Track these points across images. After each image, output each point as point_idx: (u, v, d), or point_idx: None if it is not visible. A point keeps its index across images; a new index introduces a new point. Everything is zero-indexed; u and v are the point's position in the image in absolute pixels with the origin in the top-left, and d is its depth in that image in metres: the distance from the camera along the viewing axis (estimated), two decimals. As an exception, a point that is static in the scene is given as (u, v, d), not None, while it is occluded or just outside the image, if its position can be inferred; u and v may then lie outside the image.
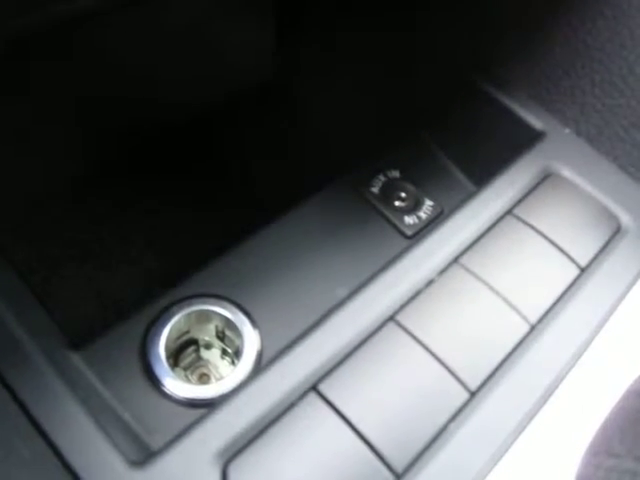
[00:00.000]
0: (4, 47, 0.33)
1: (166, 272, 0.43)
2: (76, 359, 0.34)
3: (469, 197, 0.41)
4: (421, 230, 0.48)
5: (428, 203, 0.50)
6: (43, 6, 0.20)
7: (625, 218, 0.41)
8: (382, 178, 0.51)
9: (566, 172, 0.43)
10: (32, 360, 0.28)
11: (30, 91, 0.40)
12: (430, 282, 0.36)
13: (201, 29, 0.48)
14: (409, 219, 0.49)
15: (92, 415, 0.28)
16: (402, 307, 0.34)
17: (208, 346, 0.45)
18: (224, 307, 0.42)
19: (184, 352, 0.44)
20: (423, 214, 0.50)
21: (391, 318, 0.33)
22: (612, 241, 0.40)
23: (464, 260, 0.37)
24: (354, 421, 0.29)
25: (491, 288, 0.36)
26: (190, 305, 0.41)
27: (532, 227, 0.39)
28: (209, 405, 0.36)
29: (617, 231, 0.41)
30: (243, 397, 0.29)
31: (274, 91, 0.62)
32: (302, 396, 0.30)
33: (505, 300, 0.35)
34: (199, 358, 0.45)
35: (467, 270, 0.36)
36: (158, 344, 0.40)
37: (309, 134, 0.60)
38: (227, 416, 0.28)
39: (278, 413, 0.29)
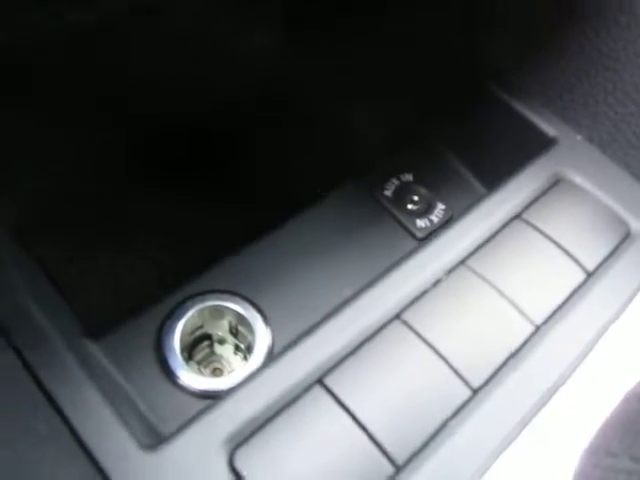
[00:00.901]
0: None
1: (182, 269, 0.44)
2: (94, 348, 0.36)
3: (479, 200, 0.42)
4: (432, 233, 0.49)
5: (440, 207, 0.51)
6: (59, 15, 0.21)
7: (635, 224, 0.42)
8: (395, 182, 0.52)
9: (576, 178, 0.44)
10: (54, 347, 0.30)
11: (45, 93, 0.42)
12: (437, 282, 0.37)
13: (207, 34, 0.50)
14: (421, 222, 0.50)
15: (108, 400, 0.29)
16: (408, 306, 0.35)
17: (222, 342, 0.46)
18: (237, 303, 0.44)
19: (198, 346, 0.45)
20: (435, 217, 0.50)
21: (397, 316, 0.34)
22: (621, 247, 0.40)
23: (472, 262, 0.38)
24: (357, 414, 0.30)
25: (497, 289, 0.36)
26: (204, 300, 0.43)
27: (540, 231, 0.40)
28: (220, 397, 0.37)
29: (626, 237, 0.41)
30: (250, 388, 0.30)
31: (288, 92, 0.63)
32: (308, 389, 0.31)
33: (511, 301, 0.36)
34: (213, 353, 0.46)
35: (474, 272, 0.37)
36: (173, 337, 0.41)
37: (324, 136, 0.61)
38: (235, 405, 0.30)
39: (284, 404, 0.30)
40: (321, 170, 0.58)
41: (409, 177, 0.53)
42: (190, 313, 0.42)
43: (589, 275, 0.38)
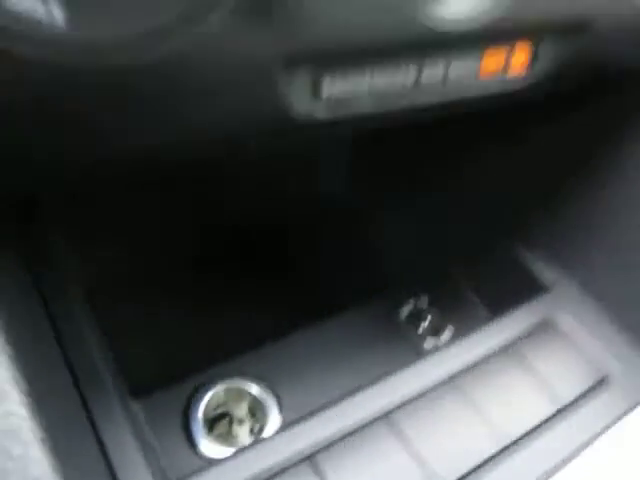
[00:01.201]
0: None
1: (219, 350, 0.53)
2: (135, 405, 0.43)
3: (475, 330, 0.48)
4: (435, 352, 0.55)
5: (448, 330, 0.58)
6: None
7: (612, 371, 0.47)
8: (412, 302, 0.60)
9: (565, 322, 0.50)
10: (109, 397, 0.38)
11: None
12: (427, 392, 0.43)
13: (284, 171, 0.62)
14: (429, 342, 0.57)
15: (140, 447, 0.37)
16: (398, 408, 0.41)
17: (240, 422, 0.53)
18: (258, 388, 0.51)
19: (219, 422, 0.52)
20: (442, 339, 0.57)
21: (386, 415, 0.41)
22: (596, 389, 0.46)
23: (459, 380, 0.44)
24: (337, 493, 0.36)
25: (477, 407, 0.42)
26: (230, 381, 0.50)
27: (524, 364, 0.46)
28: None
29: (602, 381, 0.46)
30: (247, 454, 0.37)
31: (345, 213, 0.74)
32: (298, 463, 0.37)
33: (487, 420, 0.42)
34: (231, 431, 0.53)
35: (460, 389, 0.43)
36: (198, 409, 0.49)
37: (363, 255, 0.70)
38: (232, 468, 0.36)
39: (274, 473, 0.36)
40: (353, 282, 0.66)
41: (424, 300, 0.60)
42: (215, 390, 0.49)
43: (561, 409, 0.44)
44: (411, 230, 0.66)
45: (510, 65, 0.36)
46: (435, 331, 0.58)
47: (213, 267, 0.63)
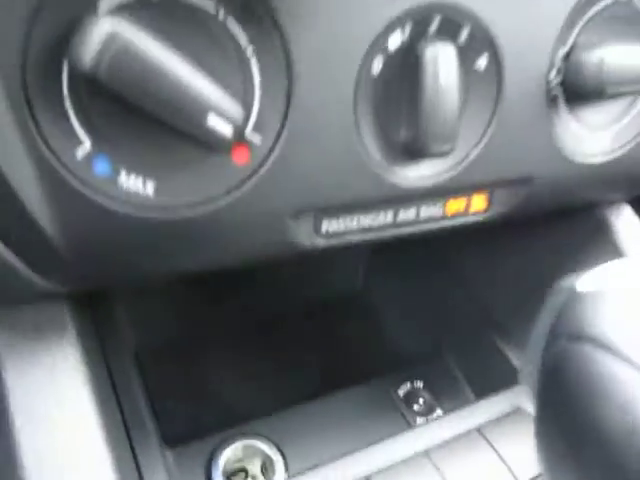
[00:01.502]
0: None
1: (240, 414, 0.63)
2: (168, 453, 0.54)
3: (452, 413, 0.58)
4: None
5: (438, 412, 0.67)
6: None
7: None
8: (408, 385, 0.69)
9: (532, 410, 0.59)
10: (150, 444, 0.49)
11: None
12: (403, 461, 0.52)
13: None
14: (420, 420, 0.66)
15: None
16: (377, 473, 0.51)
17: (253, 478, 0.62)
18: (270, 448, 0.61)
19: (236, 476, 0.62)
20: (431, 419, 0.66)
21: (366, 477, 0.50)
22: (554, 470, 0.54)
23: (433, 453, 0.53)
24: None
25: (444, 477, 0.51)
26: (247, 439, 0.60)
27: (489, 443, 0.55)
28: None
29: (560, 463, 0.54)
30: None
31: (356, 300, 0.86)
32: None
33: (450, 490, 0.51)
34: (245, 484, 0.62)
35: (430, 460, 0.53)
36: (218, 462, 0.59)
37: (372, 339, 0.81)
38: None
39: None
40: (361, 362, 0.77)
41: (420, 383, 0.70)
42: (235, 446, 0.60)
43: (518, 485, 0.52)
44: (412, 323, 0.77)
45: (471, 207, 0.48)
46: (428, 410, 0.67)
47: (238, 344, 0.75)
